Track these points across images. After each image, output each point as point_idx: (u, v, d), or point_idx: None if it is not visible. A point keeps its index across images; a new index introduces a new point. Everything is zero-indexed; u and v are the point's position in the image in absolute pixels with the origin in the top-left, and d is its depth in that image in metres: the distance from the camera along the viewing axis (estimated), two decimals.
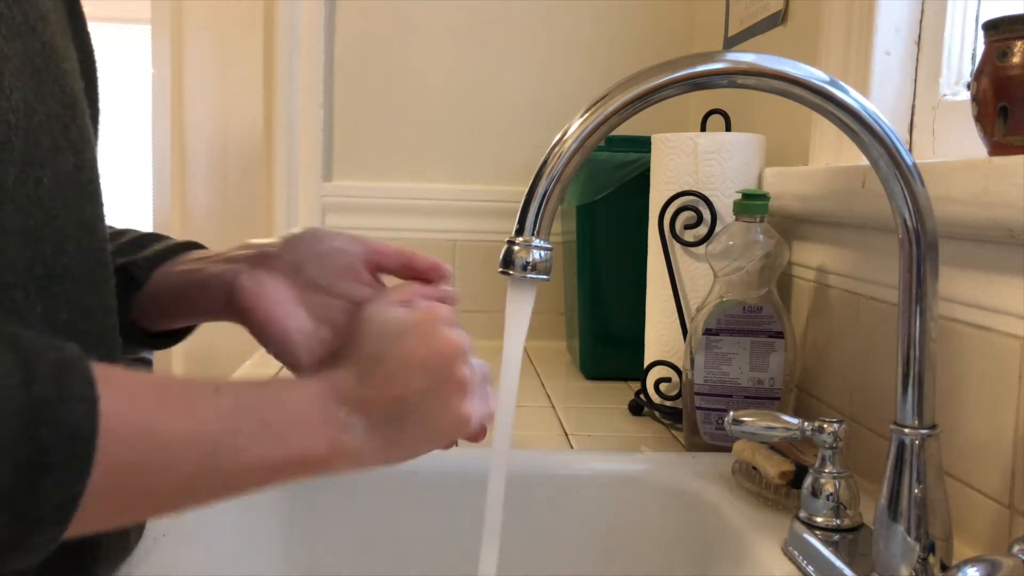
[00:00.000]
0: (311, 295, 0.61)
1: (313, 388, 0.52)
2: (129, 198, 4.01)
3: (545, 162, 0.50)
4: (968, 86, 0.66)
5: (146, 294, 0.66)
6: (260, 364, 1.18)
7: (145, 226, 0.75)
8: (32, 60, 0.47)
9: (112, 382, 0.42)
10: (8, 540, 0.38)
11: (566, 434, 0.94)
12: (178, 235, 0.78)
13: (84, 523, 0.40)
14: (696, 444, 0.89)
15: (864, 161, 0.55)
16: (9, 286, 0.45)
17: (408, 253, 0.65)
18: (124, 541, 0.58)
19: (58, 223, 0.48)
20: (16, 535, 0.38)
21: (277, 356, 0.60)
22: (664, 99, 0.51)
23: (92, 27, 0.59)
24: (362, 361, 0.53)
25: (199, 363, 2.08)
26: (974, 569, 0.48)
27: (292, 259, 0.62)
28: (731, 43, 1.28)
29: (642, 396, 1.02)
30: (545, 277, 0.50)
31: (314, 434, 0.50)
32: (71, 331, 0.50)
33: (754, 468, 0.74)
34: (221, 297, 0.61)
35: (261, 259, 0.62)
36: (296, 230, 0.65)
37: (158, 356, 2.27)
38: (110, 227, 0.73)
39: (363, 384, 0.52)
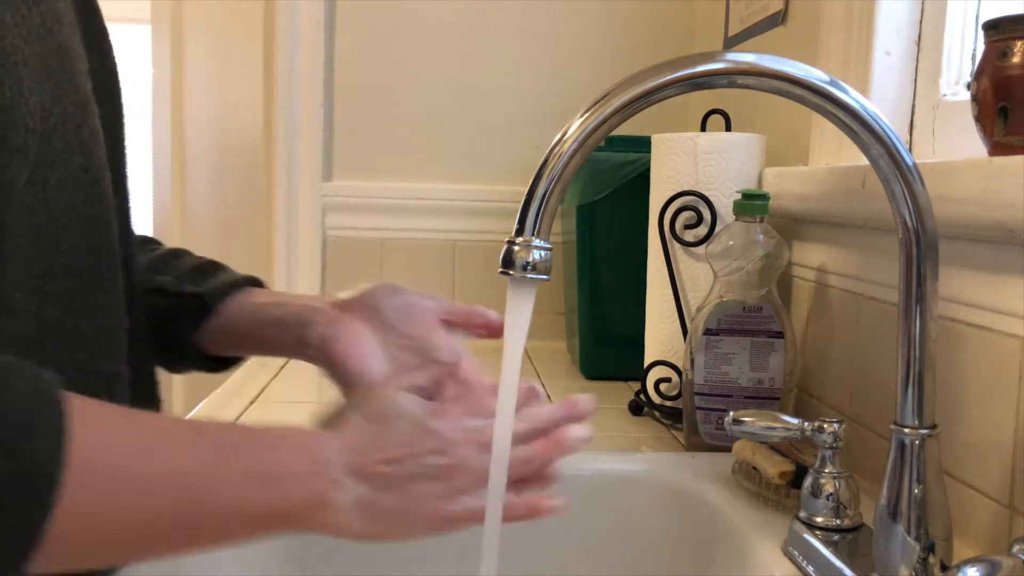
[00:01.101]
0: (388, 337, 0.62)
1: (308, 438, 0.50)
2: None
3: (545, 162, 0.50)
4: (968, 86, 0.66)
5: (218, 323, 0.68)
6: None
7: (145, 226, 0.76)
8: (49, 62, 0.47)
9: (86, 418, 0.40)
10: None
11: None
12: (178, 235, 0.79)
13: (48, 563, 0.38)
14: (696, 444, 0.89)
15: (864, 161, 0.55)
16: (11, 286, 0.45)
17: (472, 310, 0.66)
18: None
19: (59, 223, 0.48)
20: None
21: (349, 396, 0.59)
22: (664, 99, 0.51)
23: (106, 25, 0.59)
24: (372, 424, 0.52)
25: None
26: (974, 569, 0.48)
27: (371, 303, 0.64)
28: (731, 43, 1.28)
29: (642, 396, 1.02)
30: (545, 277, 0.50)
31: (300, 485, 0.48)
32: (59, 330, 0.49)
33: (754, 468, 0.74)
34: (297, 333, 0.63)
35: (340, 303, 0.65)
36: (371, 285, 0.66)
37: None
38: (155, 242, 0.75)
39: (365, 447, 0.50)
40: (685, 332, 0.99)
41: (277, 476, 0.47)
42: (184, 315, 0.67)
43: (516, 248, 0.50)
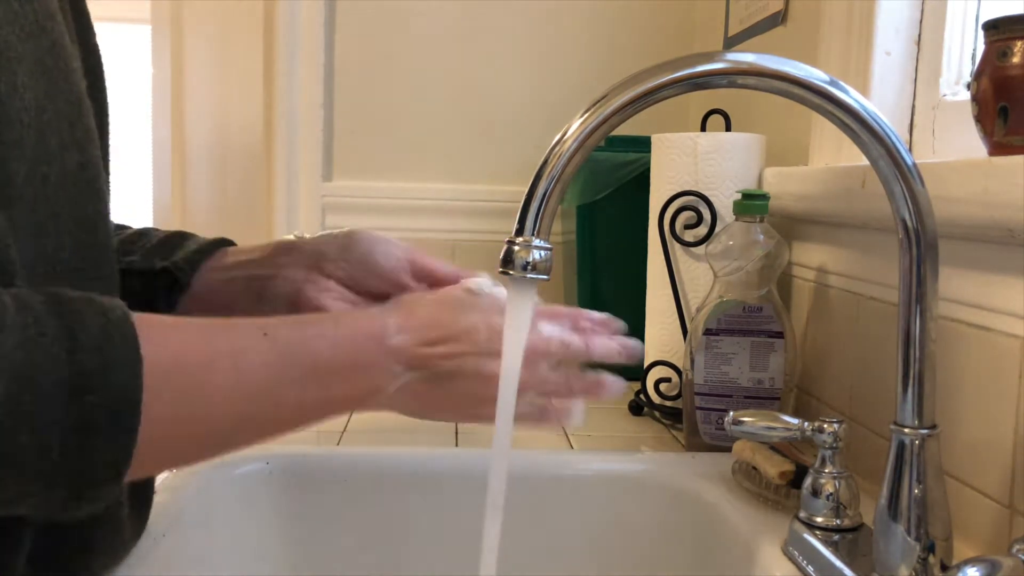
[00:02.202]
0: (368, 302, 0.66)
1: (366, 328, 0.54)
2: (129, 197, 4.01)
3: (545, 162, 0.50)
4: (968, 86, 0.66)
5: (192, 297, 0.67)
6: None
7: (145, 225, 0.75)
8: (43, 59, 0.47)
9: (156, 339, 0.44)
10: (68, 497, 0.42)
11: (566, 434, 0.94)
12: None
13: (138, 471, 0.43)
14: (696, 444, 0.89)
15: (864, 161, 0.55)
16: (13, 283, 0.45)
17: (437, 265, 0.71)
18: (119, 536, 0.57)
19: (61, 220, 0.48)
20: (75, 493, 0.41)
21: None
22: (664, 99, 0.51)
23: (93, 24, 0.59)
24: (428, 311, 0.56)
25: None
26: (974, 569, 0.48)
27: (346, 266, 0.66)
28: (731, 43, 1.28)
29: (642, 396, 1.02)
30: (545, 277, 0.50)
31: (360, 379, 0.53)
32: None
33: (754, 468, 0.74)
34: (282, 309, 0.65)
35: (316, 265, 0.66)
36: (335, 231, 0.68)
37: None
38: (124, 227, 0.75)
39: (416, 335, 0.55)
40: (685, 332, 0.99)
41: (336, 371, 0.52)
42: (158, 293, 0.66)
43: (516, 248, 0.50)
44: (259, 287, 0.66)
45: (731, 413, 0.67)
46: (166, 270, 0.66)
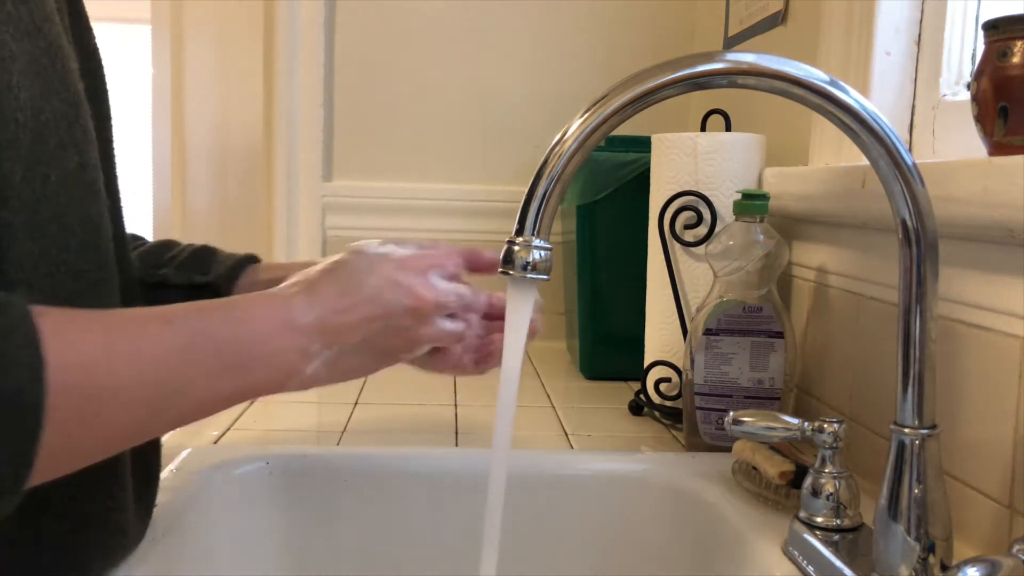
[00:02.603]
0: None
1: (276, 314, 0.53)
2: (129, 198, 4.00)
3: (545, 162, 0.50)
4: (968, 86, 0.66)
5: None
6: None
7: (145, 225, 0.77)
8: (38, 60, 0.47)
9: (60, 337, 0.42)
10: None
11: (566, 434, 0.94)
12: (178, 235, 0.80)
13: (41, 474, 0.41)
14: (696, 444, 0.89)
15: (864, 161, 0.55)
16: (14, 283, 0.45)
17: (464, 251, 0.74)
18: (123, 539, 0.58)
19: (64, 221, 0.48)
20: None
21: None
22: (664, 99, 0.51)
23: (92, 27, 0.59)
24: (330, 286, 0.56)
25: None
26: (974, 569, 0.48)
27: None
28: (731, 43, 1.28)
29: (642, 396, 1.02)
30: (545, 277, 0.50)
31: (273, 363, 0.52)
32: None
33: (754, 468, 0.74)
34: None
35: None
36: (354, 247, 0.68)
37: None
38: (139, 238, 0.76)
39: (328, 313, 0.55)
40: (685, 332, 0.99)
41: (250, 360, 0.51)
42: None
43: (516, 248, 0.50)
44: None
45: (731, 413, 0.67)
46: (208, 286, 0.68)
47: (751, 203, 0.87)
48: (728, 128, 1.02)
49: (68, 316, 0.45)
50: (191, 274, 0.69)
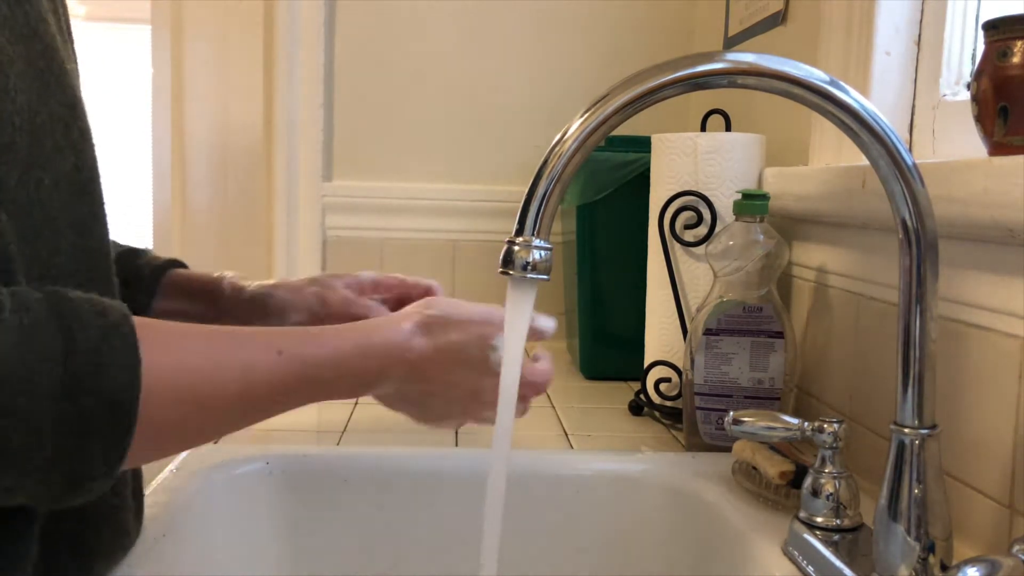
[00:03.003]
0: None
1: (377, 356, 0.58)
2: (129, 198, 4.01)
3: (545, 162, 0.50)
4: (968, 86, 0.66)
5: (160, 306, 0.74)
6: None
7: (145, 226, 0.78)
8: (35, 62, 0.47)
9: (158, 344, 0.45)
10: (63, 491, 0.42)
11: (566, 434, 0.94)
12: (178, 235, 0.80)
13: (129, 463, 0.44)
14: (696, 444, 0.89)
15: (864, 161, 0.55)
16: (15, 281, 0.45)
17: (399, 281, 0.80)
18: (123, 539, 0.58)
19: (56, 224, 0.48)
20: (70, 487, 0.42)
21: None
22: (664, 99, 0.51)
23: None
24: (450, 353, 0.61)
25: None
26: (974, 569, 0.48)
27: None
28: (731, 43, 1.28)
29: (642, 396, 1.02)
30: (545, 277, 0.50)
31: (355, 390, 0.58)
32: None
33: (754, 468, 0.74)
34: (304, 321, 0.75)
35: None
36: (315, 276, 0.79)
37: None
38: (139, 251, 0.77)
39: (417, 371, 0.59)
40: (685, 332, 0.99)
41: (338, 385, 0.56)
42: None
43: (516, 248, 0.50)
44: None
45: (731, 413, 0.67)
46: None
47: (751, 203, 0.86)
48: (728, 128, 1.02)
49: (172, 327, 0.49)
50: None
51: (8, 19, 0.45)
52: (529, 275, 0.50)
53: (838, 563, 0.59)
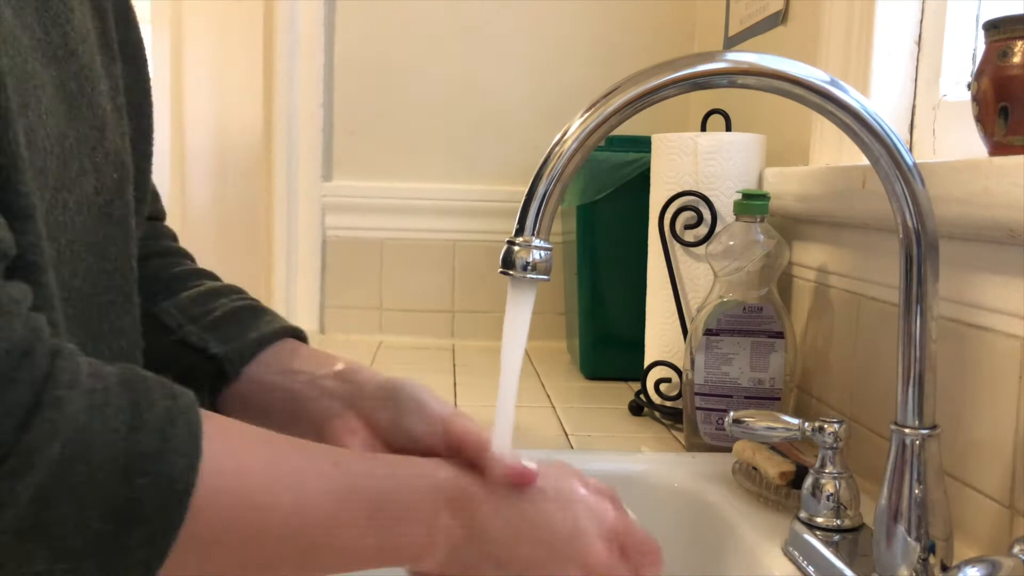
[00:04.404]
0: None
1: (447, 502, 0.50)
2: None
3: (545, 162, 0.50)
4: (968, 86, 0.66)
5: (233, 392, 0.63)
6: None
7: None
8: (67, 84, 0.46)
9: (221, 439, 0.42)
10: None
11: (566, 434, 0.93)
12: (178, 235, 0.78)
13: (167, 571, 0.40)
14: (696, 444, 0.89)
15: (864, 161, 0.55)
16: (49, 303, 0.44)
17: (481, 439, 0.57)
18: None
19: (75, 246, 0.47)
20: None
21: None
22: (664, 99, 0.51)
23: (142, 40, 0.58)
24: (521, 526, 0.51)
25: None
26: (974, 569, 0.48)
27: (384, 416, 0.60)
28: (731, 43, 1.28)
29: (642, 396, 1.02)
30: (545, 277, 0.50)
31: (417, 531, 0.49)
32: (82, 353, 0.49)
33: (754, 468, 0.74)
34: (309, 433, 0.60)
35: (355, 404, 0.60)
36: (384, 379, 0.62)
37: None
38: (187, 261, 0.71)
39: (495, 546, 0.50)
40: (685, 332, 0.99)
41: (398, 522, 0.48)
42: (203, 378, 0.62)
43: (516, 248, 0.50)
44: (296, 408, 0.62)
45: (731, 413, 0.67)
46: (216, 358, 0.62)
47: (751, 203, 0.86)
48: (728, 128, 1.02)
49: (235, 425, 0.45)
50: (209, 340, 0.62)
51: (42, 41, 0.45)
52: (529, 275, 0.50)
53: (838, 563, 0.59)
